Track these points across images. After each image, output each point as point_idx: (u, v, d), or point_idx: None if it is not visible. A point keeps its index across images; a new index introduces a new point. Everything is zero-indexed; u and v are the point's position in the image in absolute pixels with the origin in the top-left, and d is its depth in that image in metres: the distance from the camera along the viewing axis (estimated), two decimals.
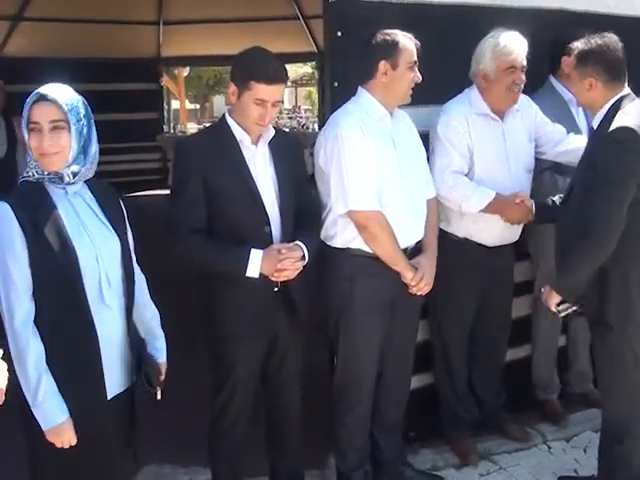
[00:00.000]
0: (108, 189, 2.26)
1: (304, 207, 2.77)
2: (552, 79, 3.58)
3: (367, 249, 2.86)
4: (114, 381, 2.17)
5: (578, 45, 2.75)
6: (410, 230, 2.92)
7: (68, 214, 2.09)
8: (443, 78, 3.20)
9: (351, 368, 2.96)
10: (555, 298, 2.77)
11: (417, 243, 2.97)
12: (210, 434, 2.83)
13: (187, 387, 3.43)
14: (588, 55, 2.71)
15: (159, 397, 2.30)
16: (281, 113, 23.37)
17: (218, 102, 27.22)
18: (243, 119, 2.61)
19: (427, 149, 3.15)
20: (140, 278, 2.31)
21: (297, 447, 2.97)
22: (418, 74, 2.84)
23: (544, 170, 3.42)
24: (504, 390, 3.61)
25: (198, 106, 26.69)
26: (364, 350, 2.92)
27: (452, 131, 3.14)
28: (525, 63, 3.12)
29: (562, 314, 2.82)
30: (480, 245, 3.27)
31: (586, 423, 3.63)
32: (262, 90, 2.53)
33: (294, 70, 27.27)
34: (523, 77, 3.13)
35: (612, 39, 2.72)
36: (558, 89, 3.54)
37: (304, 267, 2.65)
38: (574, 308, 2.78)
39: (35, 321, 2.03)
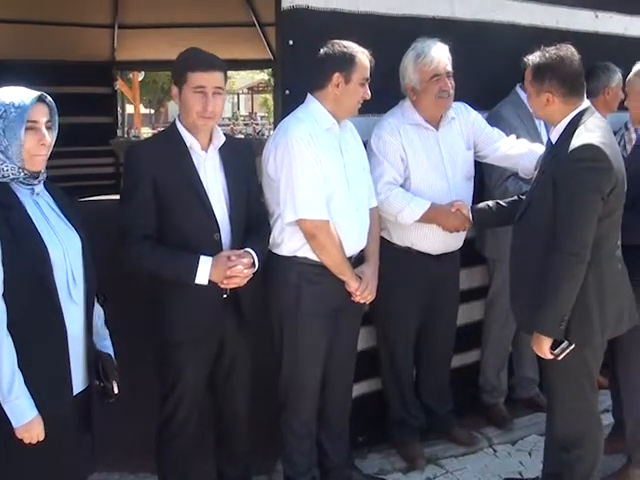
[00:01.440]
0: (61, 190, 2.29)
1: (254, 214, 2.78)
2: (518, 89, 3.63)
3: (313, 257, 2.87)
4: (77, 378, 2.20)
5: (533, 59, 2.68)
6: (355, 239, 2.94)
7: (35, 213, 2.12)
8: (393, 88, 3.27)
9: (295, 374, 2.97)
10: (546, 343, 2.63)
11: (360, 252, 3.00)
12: (158, 440, 2.82)
13: (134, 393, 3.40)
14: (544, 69, 2.64)
15: (116, 391, 2.32)
16: (237, 120, 23.36)
17: (173, 107, 27.05)
18: (187, 118, 2.61)
19: None
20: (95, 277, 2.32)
21: (246, 452, 2.98)
22: (368, 91, 2.87)
23: (508, 177, 3.46)
24: (452, 395, 3.67)
25: (153, 111, 26.51)
26: (308, 356, 2.94)
27: (384, 144, 3.17)
28: (449, 69, 3.15)
29: (561, 356, 2.64)
30: (423, 254, 3.31)
31: (531, 427, 3.72)
32: (198, 77, 2.54)
33: (250, 77, 27.33)
34: (450, 82, 3.16)
35: (568, 51, 2.66)
36: (523, 99, 3.53)
37: (254, 274, 2.66)
38: (571, 346, 2.62)
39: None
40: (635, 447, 3.22)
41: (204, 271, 2.55)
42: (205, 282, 2.56)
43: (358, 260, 3.00)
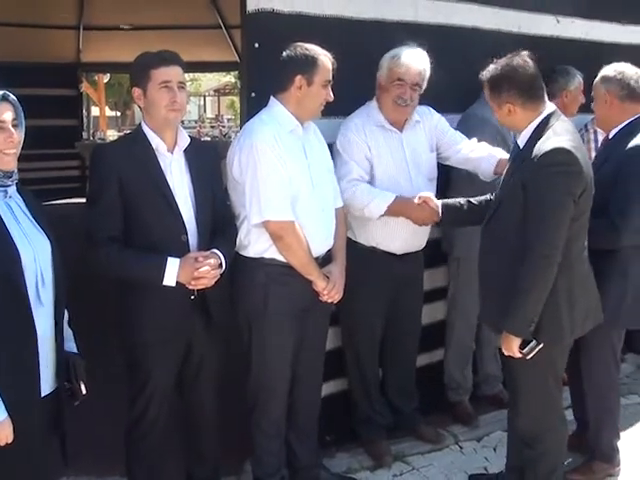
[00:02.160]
0: (31, 193, 2.29)
1: (220, 215, 2.80)
2: None
3: (281, 258, 2.90)
4: (46, 380, 2.20)
5: (486, 73, 2.70)
6: (321, 240, 2.97)
7: (6, 216, 2.12)
8: (357, 91, 3.32)
9: (264, 374, 2.99)
10: (514, 343, 2.66)
11: (327, 252, 3.04)
12: (127, 442, 2.83)
13: (102, 396, 3.39)
14: (500, 81, 2.66)
15: (84, 392, 2.33)
16: (203, 122, 23.27)
17: (139, 110, 26.89)
18: (156, 115, 2.63)
19: None
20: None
21: (214, 452, 3.00)
22: (331, 93, 2.90)
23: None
24: (418, 393, 3.72)
25: (119, 113, 26.30)
26: (276, 357, 2.96)
27: (349, 143, 3.22)
28: (417, 81, 3.19)
29: (530, 355, 2.68)
30: (388, 253, 3.36)
31: (496, 423, 3.77)
32: (162, 73, 2.59)
33: (217, 79, 27.26)
34: (412, 94, 3.21)
35: (521, 59, 2.67)
36: None
37: (221, 275, 2.68)
38: (540, 345, 2.66)
39: None
40: (598, 442, 3.30)
41: (172, 272, 2.56)
42: (173, 283, 2.58)
43: (325, 260, 3.04)
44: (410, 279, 3.49)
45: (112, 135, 15.55)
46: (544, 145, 2.59)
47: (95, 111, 18.93)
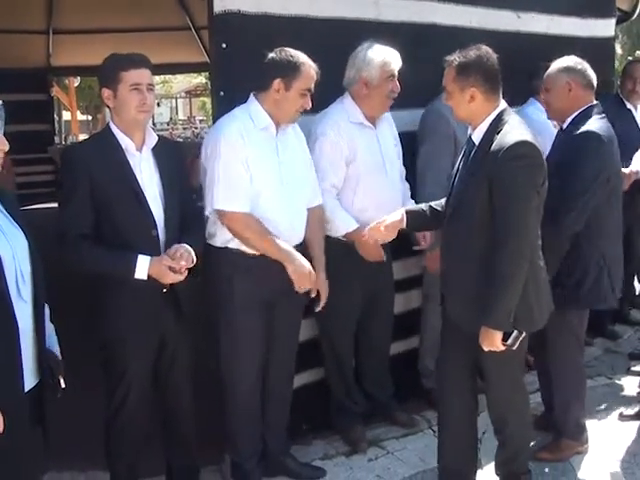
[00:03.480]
0: (5, 191, 2.34)
1: (188, 210, 2.90)
2: None
3: (245, 249, 2.99)
4: (28, 374, 2.23)
5: (456, 58, 2.75)
6: (288, 236, 3.05)
7: None
8: (326, 88, 3.40)
9: (233, 362, 3.08)
10: (497, 337, 2.69)
11: (296, 246, 3.10)
12: (106, 435, 2.90)
13: (82, 390, 3.45)
14: (469, 66, 2.71)
15: (63, 386, 2.39)
16: (175, 124, 23.23)
17: (110, 113, 26.72)
18: (125, 116, 2.72)
19: None
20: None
21: (192, 443, 3.08)
22: (309, 102, 2.99)
23: None
24: (394, 380, 3.82)
25: (90, 117, 26.12)
26: (244, 347, 3.05)
27: (329, 144, 3.30)
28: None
29: (515, 345, 2.71)
30: None
31: None
32: (133, 75, 2.68)
33: (188, 81, 27.18)
34: (398, 86, 3.35)
35: (488, 51, 2.75)
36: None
37: (191, 268, 2.76)
38: (523, 334, 2.73)
39: None
40: (565, 421, 3.42)
41: (143, 265, 2.65)
42: (144, 276, 2.66)
43: (296, 249, 3.10)
44: (381, 268, 3.59)
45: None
46: (506, 139, 2.65)
47: (66, 115, 18.82)
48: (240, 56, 3.15)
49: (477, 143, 2.77)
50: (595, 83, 3.31)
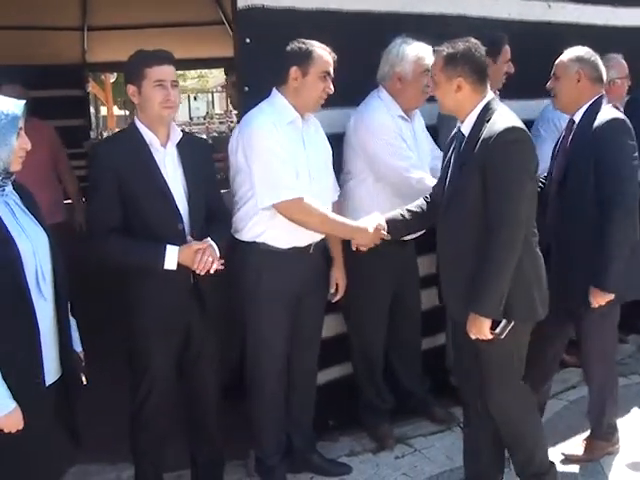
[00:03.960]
0: (26, 189, 2.36)
1: (214, 204, 2.91)
2: None
3: (273, 243, 3.00)
4: (50, 370, 2.28)
5: (444, 48, 2.75)
6: None
7: (4, 213, 2.19)
8: (352, 82, 3.38)
9: (258, 356, 3.09)
10: (485, 324, 2.66)
11: (322, 240, 3.13)
12: (131, 429, 2.92)
13: (111, 384, 3.49)
14: (457, 56, 2.71)
15: (84, 382, 2.43)
16: (212, 118, 23.31)
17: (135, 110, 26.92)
18: (150, 112, 2.73)
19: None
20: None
21: (217, 437, 3.09)
22: (330, 86, 2.97)
23: None
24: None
25: (127, 112, 26.35)
26: (270, 341, 3.06)
27: (391, 131, 3.28)
28: None
29: (503, 335, 2.67)
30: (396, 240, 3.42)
31: None
32: (157, 71, 2.70)
33: (224, 75, 27.25)
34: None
35: (477, 42, 2.76)
36: None
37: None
38: (512, 324, 2.67)
39: None
40: (599, 423, 3.35)
41: (172, 256, 2.67)
42: (174, 266, 2.67)
43: (319, 248, 3.12)
44: (410, 264, 3.60)
45: None
46: (495, 126, 2.64)
47: (104, 110, 19.03)
48: (264, 51, 3.13)
49: (467, 134, 2.76)
50: (605, 77, 3.26)
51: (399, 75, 3.31)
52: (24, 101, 2.22)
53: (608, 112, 3.13)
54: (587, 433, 3.43)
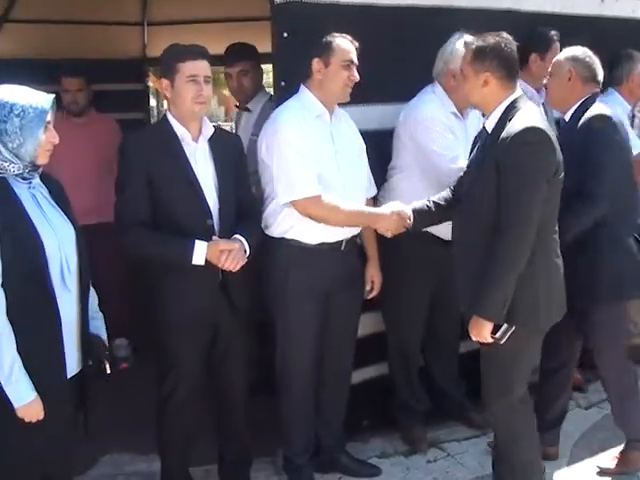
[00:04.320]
0: (55, 181, 2.39)
1: (245, 200, 2.89)
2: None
3: (302, 239, 2.97)
4: (71, 361, 2.30)
5: (474, 41, 2.70)
6: None
7: (31, 206, 2.22)
8: (392, 77, 3.32)
9: (288, 354, 3.07)
10: (487, 327, 2.60)
11: (353, 237, 3.08)
12: (157, 422, 2.93)
13: (146, 375, 3.52)
14: (486, 51, 2.65)
15: (108, 371, 2.45)
16: None
17: (212, 101, 27.33)
18: (181, 107, 2.72)
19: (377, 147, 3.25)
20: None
21: (244, 434, 3.08)
22: (355, 74, 2.93)
23: None
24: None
25: None
26: (299, 338, 3.03)
27: (441, 125, 3.23)
28: None
29: (503, 340, 2.60)
30: (436, 238, 3.35)
31: None
32: (190, 67, 2.69)
33: None
34: None
35: (508, 38, 2.69)
36: (522, 85, 3.60)
37: (247, 259, 2.75)
38: (512, 329, 2.59)
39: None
40: (628, 431, 3.22)
41: (200, 251, 2.66)
42: (202, 262, 2.66)
43: (352, 245, 3.08)
44: (446, 264, 3.48)
45: None
46: (515, 125, 2.57)
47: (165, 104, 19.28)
48: (301, 46, 3.10)
49: (490, 131, 2.69)
50: (600, 78, 3.18)
51: (453, 72, 3.24)
52: (53, 95, 2.24)
53: (595, 109, 3.07)
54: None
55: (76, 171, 4.01)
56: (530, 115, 2.61)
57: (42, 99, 2.21)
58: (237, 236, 2.75)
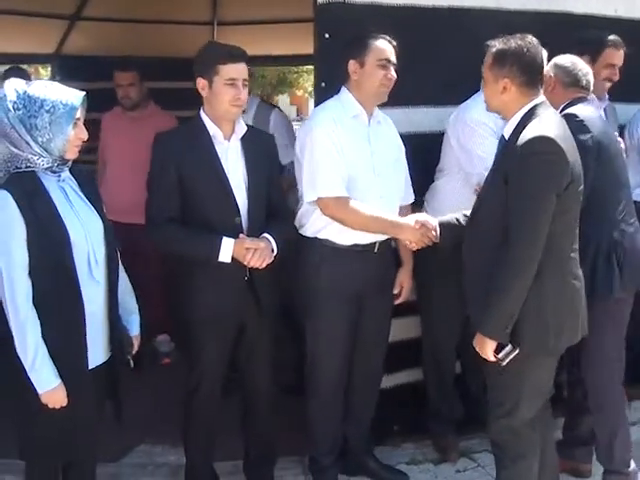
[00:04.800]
0: (87, 174, 2.47)
1: (275, 200, 2.90)
2: None
3: (334, 239, 2.95)
4: (96, 352, 2.36)
5: (496, 44, 2.55)
6: None
7: (59, 198, 2.29)
8: (435, 79, 3.28)
9: (317, 354, 3.06)
10: (490, 345, 2.46)
11: (386, 240, 3.04)
12: (183, 415, 2.97)
13: (180, 368, 3.58)
14: (506, 55, 2.50)
15: (132, 366, 2.52)
16: None
17: (283, 100, 27.50)
18: (218, 108, 2.75)
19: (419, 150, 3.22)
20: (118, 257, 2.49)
21: (270, 434, 3.09)
22: (392, 73, 2.91)
23: None
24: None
25: None
26: (328, 338, 3.01)
27: (489, 130, 3.18)
28: None
29: (505, 362, 2.46)
30: None
31: None
32: (230, 70, 2.70)
33: None
34: None
35: (532, 41, 2.53)
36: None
37: (274, 258, 2.77)
38: (516, 351, 2.44)
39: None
40: (610, 456, 3.06)
41: (227, 249, 2.68)
42: (229, 259, 2.69)
43: (386, 248, 3.05)
44: None
45: None
46: (527, 133, 2.42)
47: None
48: (343, 47, 3.09)
49: (507, 138, 2.56)
50: (585, 83, 3.07)
51: None
52: (83, 93, 2.30)
53: (572, 110, 2.96)
54: None
55: (125, 164, 4.12)
56: (545, 123, 2.46)
57: (72, 96, 2.28)
58: (265, 235, 2.76)
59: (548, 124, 2.46)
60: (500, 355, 2.45)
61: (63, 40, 9.12)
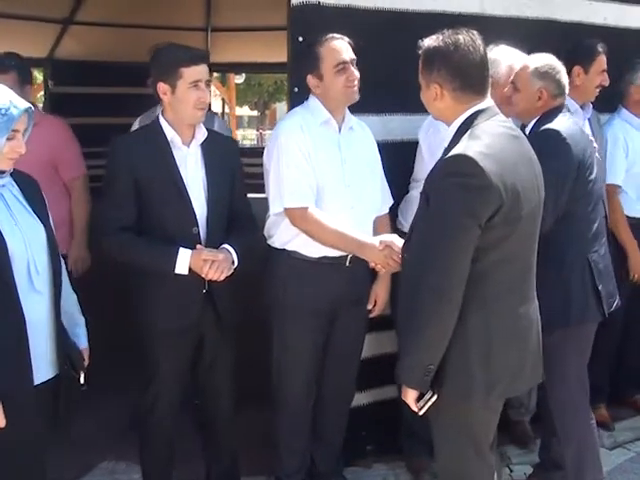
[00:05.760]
0: (29, 180, 2.33)
1: (238, 209, 2.79)
2: None
3: (303, 252, 2.83)
4: (41, 367, 2.23)
5: (425, 43, 2.18)
6: None
7: None
8: (413, 85, 3.17)
9: (283, 371, 2.94)
10: (409, 394, 2.13)
11: None
12: (139, 434, 2.85)
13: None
14: (434, 56, 2.13)
15: (82, 382, 2.36)
16: None
17: (281, 109, 27.49)
18: (182, 112, 2.63)
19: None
20: (62, 266, 2.37)
21: (232, 449, 2.97)
22: (353, 73, 2.78)
23: None
24: None
25: (259, 113, 26.89)
26: (296, 353, 2.90)
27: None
28: None
29: (422, 410, 2.15)
30: None
31: None
32: (194, 72, 2.60)
33: None
34: None
35: (467, 38, 2.12)
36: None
37: (234, 270, 2.66)
38: (434, 398, 2.12)
39: None
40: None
41: (184, 260, 2.57)
42: (185, 271, 2.57)
43: (356, 258, 2.87)
44: None
45: (249, 134, 15.99)
46: (453, 150, 2.06)
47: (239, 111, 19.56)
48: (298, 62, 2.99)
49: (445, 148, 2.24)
50: (567, 89, 2.96)
51: (492, 80, 3.07)
52: (28, 104, 2.19)
53: (553, 126, 2.82)
54: None
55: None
56: (475, 138, 2.07)
57: (13, 107, 2.14)
58: (225, 246, 2.65)
59: (478, 139, 2.07)
60: (420, 403, 2.15)
61: (56, 44, 9.09)
